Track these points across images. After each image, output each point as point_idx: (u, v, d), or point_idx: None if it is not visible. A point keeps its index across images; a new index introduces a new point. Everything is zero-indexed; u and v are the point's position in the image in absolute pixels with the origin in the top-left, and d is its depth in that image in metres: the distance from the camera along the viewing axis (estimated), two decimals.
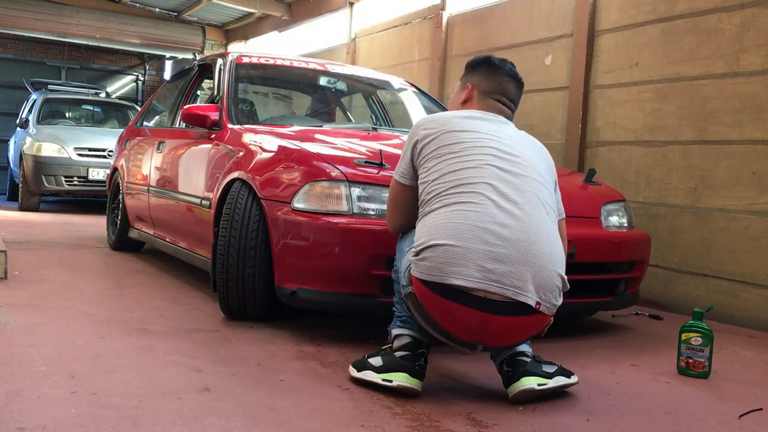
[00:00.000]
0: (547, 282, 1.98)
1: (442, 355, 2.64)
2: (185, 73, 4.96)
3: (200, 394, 2.02)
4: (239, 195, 2.97)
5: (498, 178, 2.04)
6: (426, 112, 4.61)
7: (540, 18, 5.15)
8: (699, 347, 2.53)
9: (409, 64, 6.70)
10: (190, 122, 3.71)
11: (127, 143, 5.30)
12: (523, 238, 1.96)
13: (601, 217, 3.11)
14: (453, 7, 6.19)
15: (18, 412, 1.77)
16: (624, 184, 4.32)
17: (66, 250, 5.00)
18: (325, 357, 2.51)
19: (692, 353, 2.55)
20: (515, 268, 1.93)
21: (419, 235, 2.03)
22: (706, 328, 2.54)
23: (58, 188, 8.08)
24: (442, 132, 2.15)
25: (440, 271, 1.93)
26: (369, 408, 1.98)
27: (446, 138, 2.14)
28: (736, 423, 2.08)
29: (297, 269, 2.72)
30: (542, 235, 2.00)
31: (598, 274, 3.04)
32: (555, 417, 2.01)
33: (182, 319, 3.02)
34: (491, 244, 1.93)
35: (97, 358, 2.31)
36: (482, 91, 2.34)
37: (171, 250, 4.11)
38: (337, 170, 2.74)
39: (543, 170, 2.18)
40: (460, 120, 2.19)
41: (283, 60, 4.44)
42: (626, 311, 3.69)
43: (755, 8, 3.71)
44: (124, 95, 12.69)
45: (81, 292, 3.48)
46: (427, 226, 2.02)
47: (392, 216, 2.33)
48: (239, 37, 10.97)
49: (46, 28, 10.24)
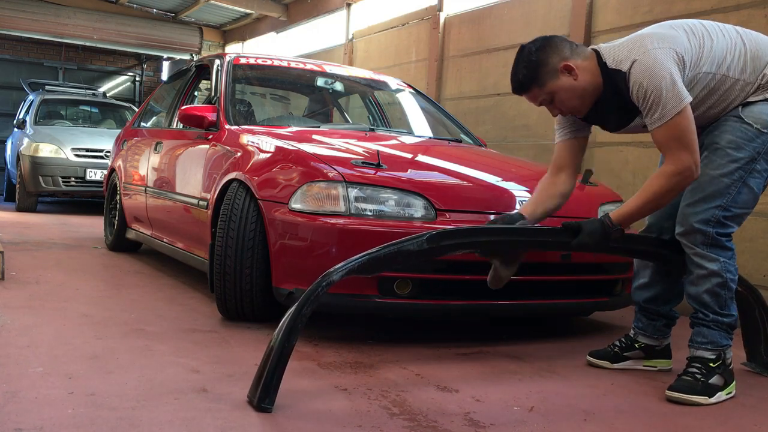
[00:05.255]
0: None
1: (440, 356, 2.64)
2: (182, 74, 4.96)
3: (198, 394, 2.02)
4: (236, 195, 2.97)
5: None
6: (423, 113, 4.62)
7: (537, 19, 5.16)
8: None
9: (406, 65, 6.70)
10: (188, 123, 3.71)
11: (125, 144, 5.30)
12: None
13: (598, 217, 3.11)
14: (450, 8, 6.19)
15: (15, 413, 1.77)
16: (621, 184, 4.32)
17: (63, 250, 4.99)
18: (323, 357, 2.52)
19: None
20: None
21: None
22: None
23: (56, 189, 8.07)
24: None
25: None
26: (366, 408, 1.99)
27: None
28: (734, 422, 2.09)
29: (294, 270, 2.72)
30: None
31: (595, 275, 3.04)
32: (552, 417, 2.01)
33: (180, 319, 3.02)
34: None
35: (94, 359, 2.31)
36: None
37: (168, 251, 4.11)
38: (334, 171, 2.74)
39: None
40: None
41: (280, 61, 4.44)
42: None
43: (751, 9, 3.72)
44: (121, 96, 12.67)
45: (78, 293, 3.48)
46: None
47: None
48: (236, 38, 10.97)
49: (43, 28, 10.23)
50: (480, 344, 2.86)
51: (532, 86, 2.28)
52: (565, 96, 2.28)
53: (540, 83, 2.27)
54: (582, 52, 2.31)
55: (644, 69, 2.15)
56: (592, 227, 2.25)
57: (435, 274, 2.65)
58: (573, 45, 2.31)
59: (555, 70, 2.25)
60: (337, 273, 2.04)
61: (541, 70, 2.25)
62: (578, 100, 2.30)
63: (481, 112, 5.63)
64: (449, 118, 4.51)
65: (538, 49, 2.26)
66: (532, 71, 2.26)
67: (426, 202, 2.73)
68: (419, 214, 2.71)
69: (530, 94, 2.32)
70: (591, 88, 2.28)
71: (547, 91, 2.28)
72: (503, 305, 2.82)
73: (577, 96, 2.28)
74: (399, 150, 3.56)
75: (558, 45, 2.28)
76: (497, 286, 2.43)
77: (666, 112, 2.12)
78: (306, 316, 1.99)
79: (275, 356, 1.92)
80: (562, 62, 2.25)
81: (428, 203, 2.73)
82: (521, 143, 5.19)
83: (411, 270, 2.58)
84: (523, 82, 2.29)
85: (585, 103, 2.31)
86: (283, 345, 1.94)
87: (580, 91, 2.27)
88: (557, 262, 2.83)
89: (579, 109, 2.34)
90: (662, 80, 2.12)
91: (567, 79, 2.26)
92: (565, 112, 2.34)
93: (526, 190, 3.02)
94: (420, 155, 3.51)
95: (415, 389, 2.19)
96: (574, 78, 2.25)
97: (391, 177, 2.81)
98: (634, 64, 2.17)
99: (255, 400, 1.91)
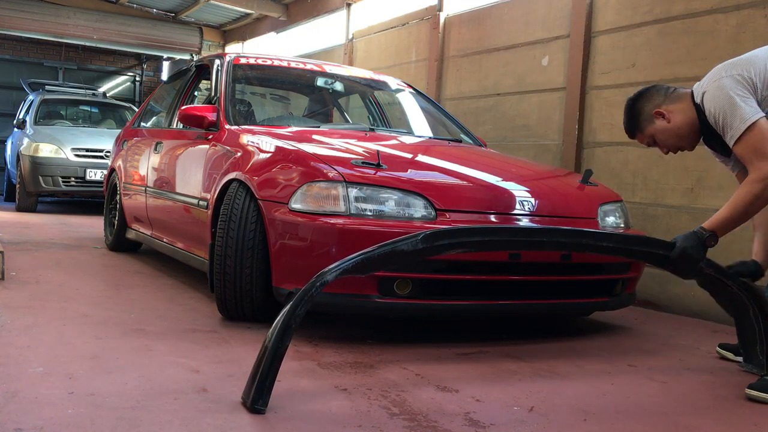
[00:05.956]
0: None
1: (440, 356, 2.64)
2: (183, 74, 4.96)
3: (198, 394, 2.02)
4: (236, 195, 2.97)
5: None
6: (423, 113, 4.62)
7: (537, 19, 5.16)
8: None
9: (406, 65, 6.70)
10: (188, 123, 3.71)
11: (125, 144, 5.30)
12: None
13: (597, 218, 3.12)
14: (450, 8, 6.19)
15: (15, 413, 1.77)
16: (620, 184, 4.32)
17: (63, 250, 4.99)
18: (323, 357, 2.52)
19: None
20: None
21: None
22: None
23: (56, 189, 8.07)
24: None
25: None
26: (366, 408, 1.99)
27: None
28: (734, 423, 2.09)
29: (294, 270, 2.72)
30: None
31: (594, 275, 3.04)
32: (552, 417, 2.01)
33: (180, 319, 3.02)
34: None
35: (94, 359, 2.31)
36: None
37: (168, 251, 4.11)
38: (334, 171, 2.74)
39: None
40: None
41: (280, 61, 4.44)
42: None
43: (751, 9, 3.72)
44: (121, 96, 12.66)
45: (78, 293, 3.48)
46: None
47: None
48: (237, 38, 10.96)
49: (43, 28, 10.22)
50: (480, 344, 2.86)
51: (635, 132, 2.68)
52: (663, 137, 2.60)
53: (640, 129, 2.65)
54: (677, 95, 2.59)
55: (710, 97, 2.43)
56: (686, 237, 2.40)
57: (435, 274, 2.65)
58: (669, 90, 2.62)
59: (650, 117, 2.60)
60: (331, 273, 2.04)
61: (639, 118, 2.63)
62: (676, 139, 2.59)
63: (481, 112, 5.63)
64: (449, 118, 4.52)
65: (635, 99, 2.65)
66: (631, 120, 2.66)
67: (426, 202, 2.73)
68: (419, 214, 2.71)
69: (636, 138, 2.70)
70: (686, 126, 2.56)
71: (648, 135, 2.63)
72: (503, 305, 2.83)
73: (674, 135, 2.58)
74: (399, 150, 3.56)
75: (652, 94, 2.62)
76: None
77: (735, 132, 2.36)
78: (300, 316, 1.99)
79: (269, 357, 1.92)
80: (654, 109, 2.59)
81: (428, 203, 2.73)
82: (521, 143, 5.19)
83: (411, 270, 2.59)
84: (627, 129, 2.70)
85: (686, 140, 2.60)
86: (277, 345, 1.93)
87: (675, 131, 2.57)
88: (557, 262, 2.83)
89: (682, 146, 2.63)
90: (724, 104, 2.38)
91: (661, 123, 2.58)
92: (670, 149, 2.65)
93: (526, 190, 3.02)
94: (420, 155, 3.51)
95: (415, 389, 2.19)
96: (667, 121, 2.57)
97: (391, 177, 2.81)
98: (704, 95, 2.47)
99: (248, 402, 1.91)
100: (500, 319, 3.32)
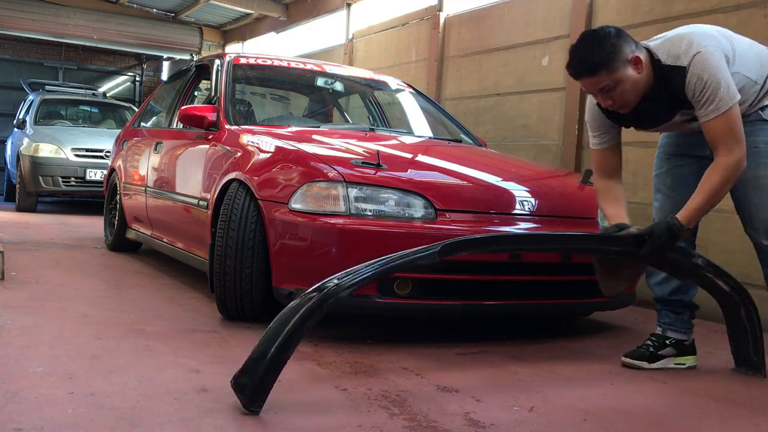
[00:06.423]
0: None
1: (439, 356, 2.64)
2: (183, 74, 4.96)
3: (198, 394, 2.02)
4: (236, 195, 2.97)
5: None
6: (423, 113, 4.62)
7: (537, 19, 5.16)
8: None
9: (406, 65, 6.70)
10: (188, 123, 3.71)
11: (125, 144, 5.30)
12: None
13: (597, 218, 3.12)
14: (450, 8, 6.19)
15: (15, 413, 1.77)
16: None
17: (63, 250, 4.99)
18: (323, 357, 2.52)
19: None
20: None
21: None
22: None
23: (56, 189, 8.07)
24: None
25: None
26: (366, 408, 1.99)
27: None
28: (734, 422, 2.09)
29: (294, 270, 2.72)
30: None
31: (594, 275, 3.03)
32: (552, 417, 2.01)
33: (180, 319, 3.02)
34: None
35: (94, 359, 2.31)
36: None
37: (168, 251, 4.11)
38: (334, 171, 2.74)
39: None
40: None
41: (280, 61, 4.44)
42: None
43: (751, 9, 3.72)
44: (121, 96, 12.66)
45: (78, 293, 3.48)
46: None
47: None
48: (237, 38, 10.96)
49: (43, 28, 10.22)
50: (480, 344, 2.86)
51: (602, 70, 2.28)
52: (627, 87, 2.31)
53: (610, 69, 2.28)
54: (641, 47, 2.36)
55: (704, 63, 2.24)
56: (659, 229, 2.32)
57: (435, 274, 2.65)
58: (634, 39, 2.36)
59: (626, 60, 2.29)
60: (344, 290, 1.98)
61: (617, 57, 2.27)
62: (634, 94, 2.34)
63: (481, 112, 5.63)
64: (449, 118, 4.52)
65: (616, 35, 2.29)
66: (608, 55, 2.27)
67: (426, 202, 2.73)
68: (419, 214, 2.71)
69: (595, 78, 2.31)
70: (647, 83, 2.35)
71: (614, 78, 2.29)
72: (503, 305, 2.82)
73: (636, 89, 2.33)
74: (399, 150, 3.56)
75: (628, 37, 2.33)
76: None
77: (721, 105, 2.23)
78: (309, 328, 1.96)
79: (270, 362, 1.87)
80: (632, 54, 2.30)
81: (428, 203, 2.73)
82: (521, 143, 5.19)
83: (411, 270, 2.58)
84: (596, 63, 2.27)
85: (637, 98, 2.36)
86: (281, 352, 1.88)
87: (639, 85, 2.33)
88: (557, 262, 2.83)
89: (630, 103, 2.37)
90: (721, 75, 2.24)
91: (633, 72, 2.30)
92: (618, 103, 2.36)
93: (526, 190, 3.02)
94: (420, 155, 3.51)
95: (415, 389, 2.19)
96: (638, 71, 2.31)
97: (391, 177, 2.81)
98: (695, 58, 2.26)
99: (244, 401, 1.89)
100: (500, 319, 3.32)
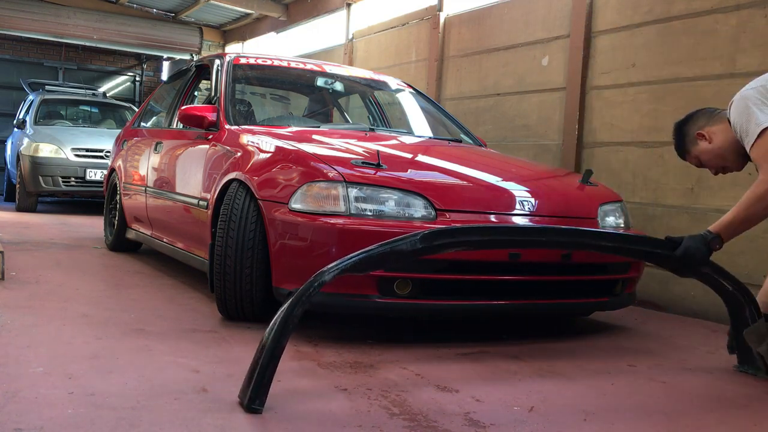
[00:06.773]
0: None
1: (440, 356, 2.64)
2: (183, 74, 4.96)
3: (198, 394, 2.02)
4: (236, 196, 2.97)
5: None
6: (423, 113, 4.62)
7: (537, 19, 5.16)
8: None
9: (406, 65, 6.70)
10: (188, 123, 3.71)
11: (125, 144, 5.30)
12: None
13: (597, 218, 3.12)
14: (450, 8, 6.19)
15: (15, 413, 1.77)
16: (620, 184, 4.32)
17: (63, 250, 4.99)
18: (323, 357, 2.52)
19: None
20: None
21: None
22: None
23: (55, 189, 8.07)
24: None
25: None
26: (366, 408, 1.99)
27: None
28: (734, 422, 2.09)
29: (294, 270, 2.72)
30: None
31: (595, 275, 3.04)
32: (552, 417, 2.01)
33: (180, 319, 3.02)
34: None
35: (94, 359, 2.31)
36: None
37: (168, 251, 4.11)
38: (334, 171, 2.74)
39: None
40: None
41: (280, 61, 4.44)
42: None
43: (751, 9, 3.72)
44: (121, 96, 12.66)
45: (78, 293, 3.48)
46: None
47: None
48: (237, 38, 10.96)
49: (43, 28, 10.22)
50: (480, 344, 2.86)
51: (683, 155, 2.77)
52: (706, 158, 2.69)
53: (686, 151, 2.75)
54: (720, 116, 2.66)
55: (733, 110, 2.53)
56: (691, 237, 2.45)
57: (435, 274, 2.65)
58: (714, 112, 2.71)
59: (693, 139, 2.70)
60: (329, 273, 2.04)
61: (684, 140, 2.73)
62: (718, 159, 2.67)
63: (481, 112, 5.63)
64: (449, 118, 4.52)
65: (682, 123, 2.75)
66: (679, 142, 2.76)
67: (426, 202, 2.73)
68: (419, 214, 2.71)
69: (686, 160, 2.79)
70: (726, 145, 2.62)
71: (693, 156, 2.73)
72: (503, 305, 2.82)
73: (716, 155, 2.66)
74: (399, 150, 3.56)
75: (698, 116, 2.72)
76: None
77: (750, 138, 2.44)
78: (298, 316, 1.99)
79: (266, 357, 1.92)
80: (697, 131, 2.68)
81: (428, 203, 2.73)
82: (521, 143, 5.19)
83: (411, 270, 2.59)
84: (678, 151, 2.79)
85: (728, 159, 2.66)
86: (274, 345, 1.93)
87: (716, 151, 2.65)
88: (557, 262, 2.84)
89: (726, 165, 2.70)
90: (743, 112, 2.46)
91: (703, 144, 2.67)
92: (717, 170, 2.73)
93: (526, 190, 3.02)
94: (420, 155, 3.51)
95: (415, 389, 2.19)
96: (708, 142, 2.66)
97: (391, 177, 2.81)
98: (730, 109, 2.55)
99: (245, 401, 1.91)
100: (500, 319, 3.32)
